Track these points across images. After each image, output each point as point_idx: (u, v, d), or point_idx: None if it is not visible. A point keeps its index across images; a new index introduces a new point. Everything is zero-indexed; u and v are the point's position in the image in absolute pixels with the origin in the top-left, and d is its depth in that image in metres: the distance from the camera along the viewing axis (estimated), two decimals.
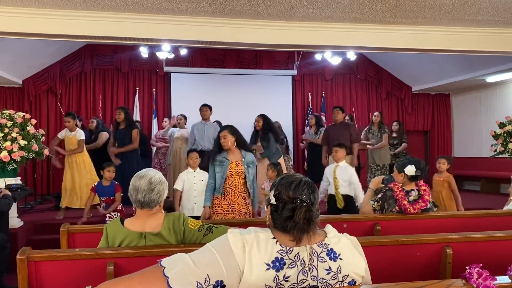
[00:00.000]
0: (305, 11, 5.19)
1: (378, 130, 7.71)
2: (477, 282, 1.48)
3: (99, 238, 2.30)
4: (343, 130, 6.66)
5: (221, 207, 4.19)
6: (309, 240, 1.47)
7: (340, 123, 6.79)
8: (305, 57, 9.95)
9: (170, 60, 9.16)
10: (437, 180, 5.40)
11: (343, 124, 6.82)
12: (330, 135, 6.72)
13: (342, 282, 1.48)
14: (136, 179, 2.21)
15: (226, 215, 4.16)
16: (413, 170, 3.37)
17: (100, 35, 5.30)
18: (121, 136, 6.53)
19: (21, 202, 6.76)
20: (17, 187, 5.08)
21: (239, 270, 1.39)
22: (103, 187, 5.00)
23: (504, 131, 5.92)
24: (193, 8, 5.03)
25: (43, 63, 8.77)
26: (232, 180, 4.18)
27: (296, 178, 1.56)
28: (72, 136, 6.09)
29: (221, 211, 4.18)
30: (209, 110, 6.68)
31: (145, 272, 1.39)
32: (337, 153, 5.25)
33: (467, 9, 5.19)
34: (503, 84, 9.21)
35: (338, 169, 5.22)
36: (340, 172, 5.20)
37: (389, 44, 5.89)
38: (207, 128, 6.52)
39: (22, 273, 1.97)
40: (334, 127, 6.82)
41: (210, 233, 2.19)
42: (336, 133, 6.61)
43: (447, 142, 10.92)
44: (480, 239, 2.45)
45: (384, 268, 2.23)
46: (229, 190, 4.18)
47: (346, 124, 6.93)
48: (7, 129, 4.95)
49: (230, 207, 4.17)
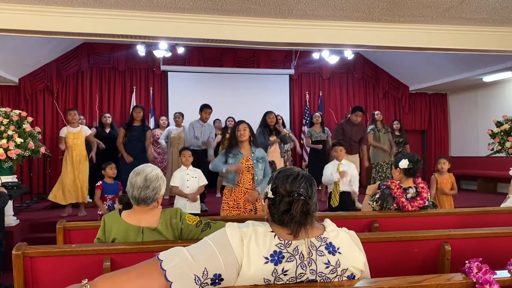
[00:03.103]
0: (302, 9, 5.18)
1: (384, 129, 7.74)
2: (476, 276, 1.47)
3: (95, 235, 2.28)
4: (360, 131, 6.91)
5: (227, 203, 4.20)
6: (306, 234, 1.46)
7: (357, 124, 6.95)
8: (302, 56, 9.95)
9: (167, 59, 9.13)
10: (444, 183, 5.45)
11: (360, 126, 7.00)
12: (347, 133, 6.86)
13: (341, 276, 1.47)
14: (133, 175, 2.20)
15: (231, 211, 4.16)
16: (406, 163, 3.42)
17: (97, 33, 5.28)
18: (135, 133, 6.53)
19: (17, 201, 6.74)
20: (13, 185, 5.06)
21: (237, 264, 1.37)
22: (108, 185, 5.12)
23: (501, 130, 5.93)
24: (190, 5, 5.02)
25: (39, 62, 8.73)
26: (242, 176, 4.18)
27: (293, 172, 1.55)
28: (77, 131, 6.11)
29: (227, 207, 4.19)
30: (211, 112, 6.68)
31: (143, 265, 1.37)
32: (342, 152, 5.43)
33: (464, 7, 5.20)
34: (499, 83, 9.24)
35: (341, 167, 5.35)
36: (343, 168, 5.33)
37: (386, 43, 5.89)
38: (205, 129, 6.51)
39: (18, 269, 1.95)
40: (351, 126, 6.91)
41: (208, 228, 2.17)
42: (352, 133, 6.84)
43: (444, 141, 10.95)
44: (478, 235, 2.45)
45: (382, 264, 2.22)
46: (236, 187, 4.19)
47: (363, 127, 7.10)
48: (3, 127, 4.92)
49: (235, 204, 4.17)
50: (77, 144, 6.13)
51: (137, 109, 6.62)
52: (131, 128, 6.53)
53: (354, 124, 6.90)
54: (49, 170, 8.32)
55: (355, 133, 6.84)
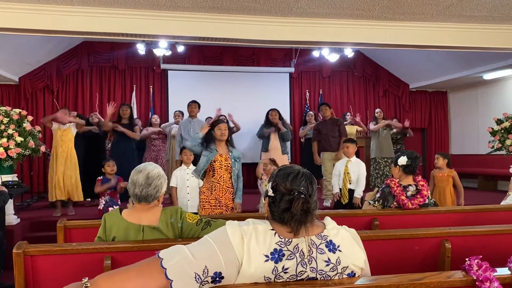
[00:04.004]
0: (302, 7, 5.17)
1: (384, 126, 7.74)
2: (477, 273, 1.47)
3: (95, 234, 2.28)
4: (333, 126, 6.81)
5: (208, 202, 4.20)
6: (306, 232, 1.46)
7: (330, 119, 6.91)
8: (302, 54, 9.94)
9: (167, 58, 9.13)
10: (440, 176, 5.43)
11: (332, 120, 6.94)
12: (321, 131, 6.83)
13: (341, 274, 1.47)
14: (134, 173, 2.20)
15: (213, 210, 4.16)
16: (405, 160, 3.43)
17: (97, 31, 5.27)
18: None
19: (17, 200, 6.73)
20: (14, 183, 5.06)
21: (238, 262, 1.38)
22: (107, 180, 5.15)
23: (502, 127, 5.93)
24: (190, 4, 5.02)
25: (39, 60, 8.73)
26: (221, 174, 4.20)
27: (294, 170, 1.55)
28: (66, 128, 6.05)
29: (208, 206, 4.19)
30: (198, 107, 6.69)
31: (143, 263, 1.37)
32: (349, 148, 5.37)
33: (464, 5, 5.19)
34: (500, 81, 9.23)
35: (350, 164, 5.32)
36: (352, 166, 5.31)
37: (386, 41, 5.89)
38: (193, 125, 6.52)
39: (19, 268, 1.95)
40: (324, 124, 6.91)
41: (208, 227, 2.18)
42: (327, 129, 6.77)
43: (444, 139, 10.94)
44: (478, 233, 2.45)
45: (382, 262, 2.22)
46: (216, 185, 4.18)
47: (335, 120, 7.04)
48: (3, 126, 4.93)
49: (217, 202, 4.18)
50: (64, 141, 6.00)
51: (124, 107, 6.60)
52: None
53: (326, 120, 6.90)
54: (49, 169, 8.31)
55: (329, 128, 6.77)
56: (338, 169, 5.45)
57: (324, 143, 6.67)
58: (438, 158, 5.51)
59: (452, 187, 5.48)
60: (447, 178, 5.43)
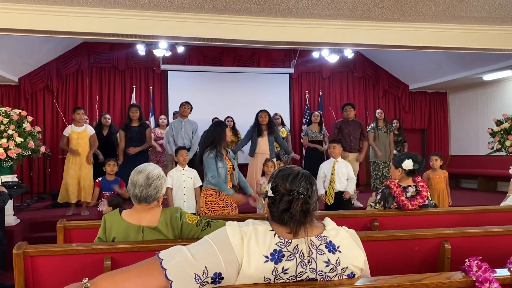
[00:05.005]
0: (302, 8, 5.18)
1: (385, 127, 7.72)
2: (476, 274, 1.48)
3: (95, 234, 2.28)
4: (356, 127, 6.81)
5: (217, 204, 4.21)
6: (306, 233, 1.46)
7: (352, 120, 6.88)
8: (302, 55, 9.95)
9: (167, 58, 9.12)
10: (437, 178, 5.45)
11: (355, 122, 6.93)
12: (344, 131, 6.79)
13: (341, 275, 1.47)
14: (134, 174, 2.21)
15: (222, 211, 4.18)
16: (411, 164, 3.39)
17: (97, 32, 5.27)
18: (134, 134, 6.48)
19: (17, 200, 6.74)
20: (13, 184, 5.06)
21: (238, 262, 1.38)
22: (107, 181, 5.12)
23: (501, 128, 5.93)
24: (190, 4, 5.02)
25: (39, 61, 8.73)
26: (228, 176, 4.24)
27: (293, 171, 1.55)
28: (82, 130, 6.10)
29: (218, 207, 4.21)
30: (190, 108, 6.66)
31: (143, 264, 1.37)
32: (335, 149, 5.32)
33: (464, 6, 5.20)
34: (500, 82, 9.23)
35: (337, 165, 5.26)
36: (339, 167, 5.26)
37: (386, 42, 5.88)
38: (184, 125, 6.50)
39: (18, 268, 1.95)
40: (347, 124, 6.86)
41: (208, 227, 2.18)
42: (350, 130, 6.76)
43: (444, 140, 10.94)
44: (478, 234, 2.46)
45: (382, 263, 2.22)
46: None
47: (358, 122, 7.02)
48: (3, 126, 4.93)
49: (225, 203, 4.21)
50: (80, 144, 6.10)
51: (133, 109, 6.54)
52: (130, 130, 6.49)
53: (349, 120, 6.87)
54: (49, 169, 8.33)
55: (352, 129, 6.79)
56: (323, 171, 5.31)
57: (344, 143, 6.51)
58: (437, 160, 5.51)
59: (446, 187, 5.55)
60: (443, 179, 5.46)
